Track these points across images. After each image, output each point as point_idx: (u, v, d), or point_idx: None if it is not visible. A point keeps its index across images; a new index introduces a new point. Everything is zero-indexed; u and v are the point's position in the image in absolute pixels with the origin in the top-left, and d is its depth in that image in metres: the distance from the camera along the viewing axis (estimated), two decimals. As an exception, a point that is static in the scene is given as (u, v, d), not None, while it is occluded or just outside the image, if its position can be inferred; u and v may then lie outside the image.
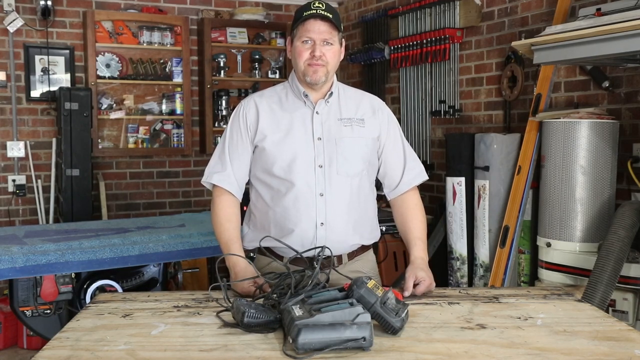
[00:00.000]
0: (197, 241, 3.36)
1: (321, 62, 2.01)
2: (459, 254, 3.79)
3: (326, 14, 2.00)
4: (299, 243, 2.03)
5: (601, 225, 2.94)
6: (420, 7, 4.51)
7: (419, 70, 4.63)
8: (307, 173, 2.04)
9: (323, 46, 2.01)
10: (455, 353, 1.48)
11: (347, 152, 2.07)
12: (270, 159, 2.06)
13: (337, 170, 2.06)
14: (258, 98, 2.14)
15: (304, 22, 2.01)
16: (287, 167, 2.05)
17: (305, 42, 2.02)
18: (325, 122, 2.08)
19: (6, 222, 4.75)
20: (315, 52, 2.00)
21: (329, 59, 2.02)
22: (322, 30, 2.00)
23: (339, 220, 2.06)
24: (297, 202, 2.04)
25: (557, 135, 3.05)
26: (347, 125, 2.09)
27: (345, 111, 2.12)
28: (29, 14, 4.80)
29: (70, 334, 1.61)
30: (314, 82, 2.04)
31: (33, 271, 2.99)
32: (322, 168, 2.05)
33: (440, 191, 4.41)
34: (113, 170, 5.14)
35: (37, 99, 4.86)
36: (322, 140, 2.06)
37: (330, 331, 1.44)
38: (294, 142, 2.06)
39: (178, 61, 5.19)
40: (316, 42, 2.00)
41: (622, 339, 1.57)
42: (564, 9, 3.32)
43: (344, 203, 2.08)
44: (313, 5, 2.01)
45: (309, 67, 2.02)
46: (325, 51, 2.01)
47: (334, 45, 2.03)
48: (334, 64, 2.06)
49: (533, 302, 1.90)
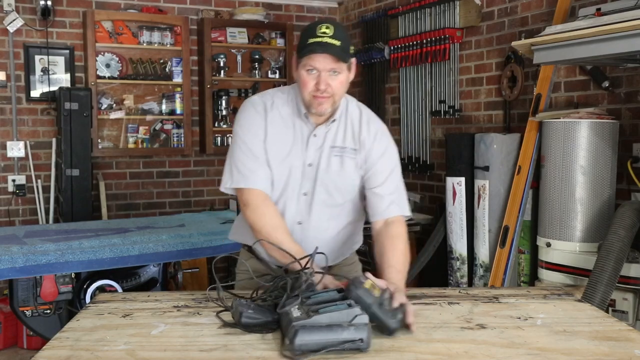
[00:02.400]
0: (197, 241, 3.36)
1: (326, 94, 1.88)
2: (459, 254, 3.79)
3: (333, 42, 1.83)
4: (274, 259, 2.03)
5: (601, 225, 2.94)
6: (420, 7, 4.52)
7: (419, 70, 4.63)
8: (291, 199, 1.99)
9: (329, 76, 1.87)
10: (455, 353, 1.48)
11: (333, 184, 1.99)
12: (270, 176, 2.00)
13: (322, 200, 1.99)
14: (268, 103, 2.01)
15: (309, 53, 1.84)
16: (281, 190, 1.99)
17: (310, 71, 1.87)
18: (319, 148, 1.98)
19: (6, 222, 4.75)
20: (320, 84, 1.86)
21: (335, 89, 1.89)
22: (329, 61, 1.85)
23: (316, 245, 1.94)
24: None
25: (557, 135, 3.05)
26: (337, 155, 1.98)
27: (341, 138, 2.00)
28: (29, 14, 4.79)
29: (70, 334, 1.61)
30: (318, 114, 1.94)
31: (33, 271, 2.99)
32: (307, 196, 1.99)
33: (440, 191, 4.41)
34: (113, 170, 5.14)
35: (37, 99, 4.86)
36: (313, 167, 1.98)
37: (327, 332, 1.44)
38: (287, 165, 1.97)
39: (178, 61, 5.19)
40: (322, 73, 1.86)
41: (622, 339, 1.58)
42: (564, 9, 3.33)
43: (323, 232, 2.01)
44: (319, 30, 1.84)
45: (314, 99, 1.89)
46: (332, 81, 1.87)
47: (341, 74, 1.89)
48: (341, 93, 1.93)
49: (533, 302, 1.90)
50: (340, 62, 1.87)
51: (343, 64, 1.88)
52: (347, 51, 1.89)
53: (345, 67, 1.90)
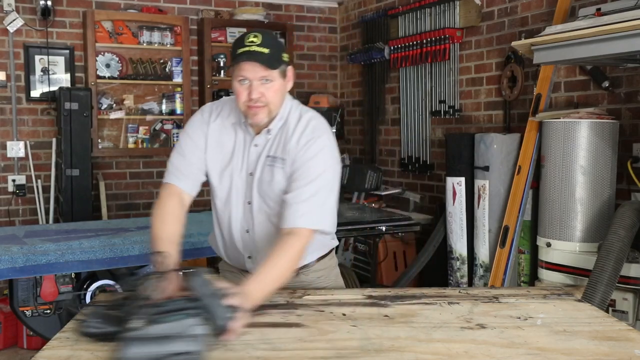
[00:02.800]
0: (197, 241, 3.35)
1: (260, 104, 1.86)
2: (459, 254, 3.79)
3: (261, 50, 1.81)
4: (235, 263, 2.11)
5: (601, 225, 2.94)
6: (420, 7, 4.52)
7: (419, 70, 4.63)
8: (237, 208, 2.01)
9: (262, 85, 1.85)
10: (455, 353, 1.48)
11: (268, 194, 1.97)
12: (213, 188, 2.05)
13: (261, 208, 1.99)
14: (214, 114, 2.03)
15: (238, 63, 1.83)
16: (222, 199, 2.03)
17: (242, 81, 1.86)
18: (258, 157, 1.97)
19: (6, 222, 4.75)
20: (252, 94, 1.84)
21: (269, 98, 1.86)
22: (258, 70, 1.83)
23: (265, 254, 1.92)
24: (229, 232, 2.05)
25: (557, 135, 3.05)
26: (269, 165, 1.96)
27: (275, 147, 1.96)
28: (29, 14, 4.79)
29: (70, 334, 1.61)
30: (255, 124, 1.94)
31: (33, 271, 2.98)
32: (251, 205, 2.00)
33: (440, 191, 4.41)
34: (113, 170, 5.14)
35: (37, 99, 4.85)
36: (254, 177, 1.98)
37: (160, 344, 1.36)
38: (230, 175, 2.00)
39: (178, 61, 5.19)
40: (253, 83, 1.84)
41: (622, 339, 1.58)
42: (564, 9, 3.33)
43: (269, 240, 1.98)
44: (247, 40, 1.83)
45: (249, 109, 1.87)
46: (265, 90, 1.85)
47: (273, 82, 1.86)
48: (276, 101, 1.90)
49: (533, 302, 1.90)
50: (270, 69, 1.84)
51: (273, 72, 1.85)
52: (277, 58, 1.86)
53: (276, 74, 1.87)
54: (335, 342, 1.56)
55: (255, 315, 1.68)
